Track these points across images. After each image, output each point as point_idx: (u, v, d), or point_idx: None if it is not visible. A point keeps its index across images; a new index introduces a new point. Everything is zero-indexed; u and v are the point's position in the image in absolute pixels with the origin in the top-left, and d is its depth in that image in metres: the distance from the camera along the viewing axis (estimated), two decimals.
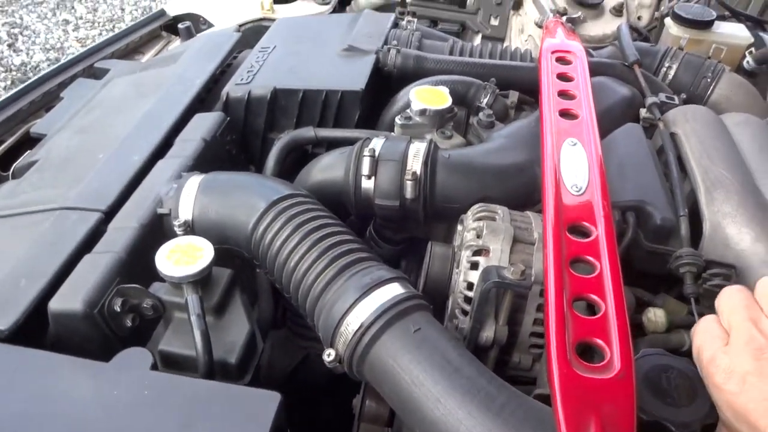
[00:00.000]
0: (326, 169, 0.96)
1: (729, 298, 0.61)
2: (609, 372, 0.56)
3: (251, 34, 1.47)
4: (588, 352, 0.62)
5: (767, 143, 0.93)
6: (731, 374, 0.54)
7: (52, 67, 1.42)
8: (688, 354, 0.65)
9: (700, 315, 0.76)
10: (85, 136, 1.05)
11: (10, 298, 0.72)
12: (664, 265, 0.83)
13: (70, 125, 1.10)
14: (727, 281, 0.78)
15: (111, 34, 1.54)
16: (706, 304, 0.82)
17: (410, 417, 0.63)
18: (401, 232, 1.03)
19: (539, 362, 0.77)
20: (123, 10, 4.55)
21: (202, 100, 1.15)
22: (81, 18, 4.38)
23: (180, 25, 1.54)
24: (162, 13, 1.72)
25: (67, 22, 4.31)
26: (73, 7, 4.49)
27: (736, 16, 1.57)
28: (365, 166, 0.89)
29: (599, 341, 0.59)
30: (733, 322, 0.58)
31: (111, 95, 1.18)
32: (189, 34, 1.53)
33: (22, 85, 1.34)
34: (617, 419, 0.52)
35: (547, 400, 0.59)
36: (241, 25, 1.62)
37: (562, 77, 1.00)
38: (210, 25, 1.72)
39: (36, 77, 1.37)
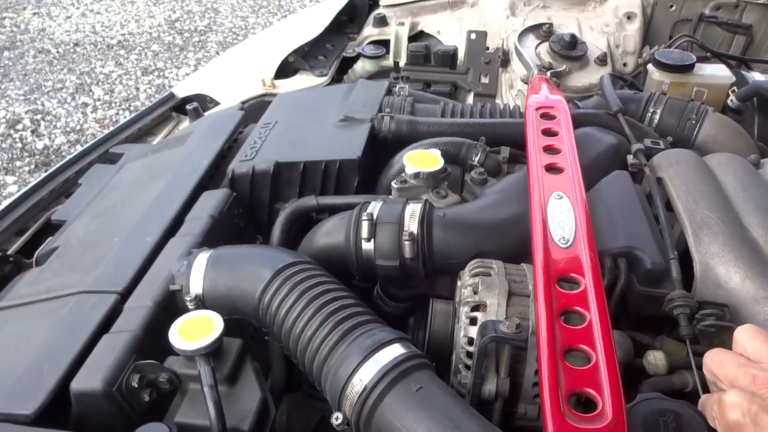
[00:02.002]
0: (327, 234, 1.00)
1: (712, 359, 0.63)
2: (601, 421, 0.58)
3: (255, 109, 1.56)
4: (584, 401, 0.64)
5: (750, 181, 0.96)
6: (743, 409, 0.55)
7: (71, 155, 1.50)
8: (692, 394, 0.67)
9: (699, 355, 0.77)
10: (102, 220, 1.11)
11: (34, 383, 0.76)
12: (660, 307, 0.85)
13: (87, 211, 1.17)
14: (721, 320, 0.80)
15: (127, 113, 1.63)
16: (705, 344, 0.83)
17: None
18: (406, 290, 1.06)
19: None
20: (138, 89, 4.77)
21: (212, 177, 1.21)
22: (99, 100, 4.60)
23: (188, 106, 1.63)
24: (171, 96, 1.83)
25: (86, 105, 4.52)
26: (91, 90, 4.73)
27: (718, 57, 1.63)
28: (364, 230, 0.94)
29: (591, 391, 0.61)
30: (728, 376, 0.59)
31: (125, 179, 1.25)
32: (197, 114, 1.61)
33: (44, 175, 1.42)
34: None
35: None
36: (244, 102, 1.71)
37: (547, 132, 1.04)
38: (216, 103, 1.82)
39: (56, 166, 1.45)
